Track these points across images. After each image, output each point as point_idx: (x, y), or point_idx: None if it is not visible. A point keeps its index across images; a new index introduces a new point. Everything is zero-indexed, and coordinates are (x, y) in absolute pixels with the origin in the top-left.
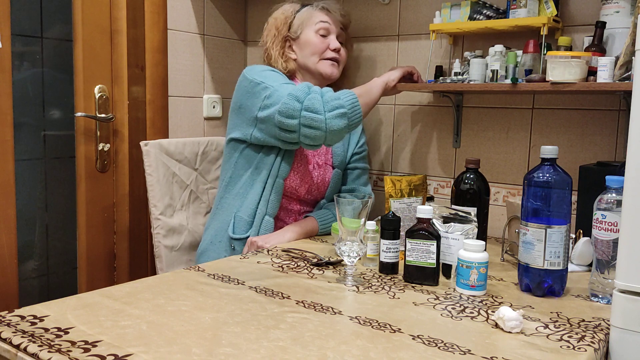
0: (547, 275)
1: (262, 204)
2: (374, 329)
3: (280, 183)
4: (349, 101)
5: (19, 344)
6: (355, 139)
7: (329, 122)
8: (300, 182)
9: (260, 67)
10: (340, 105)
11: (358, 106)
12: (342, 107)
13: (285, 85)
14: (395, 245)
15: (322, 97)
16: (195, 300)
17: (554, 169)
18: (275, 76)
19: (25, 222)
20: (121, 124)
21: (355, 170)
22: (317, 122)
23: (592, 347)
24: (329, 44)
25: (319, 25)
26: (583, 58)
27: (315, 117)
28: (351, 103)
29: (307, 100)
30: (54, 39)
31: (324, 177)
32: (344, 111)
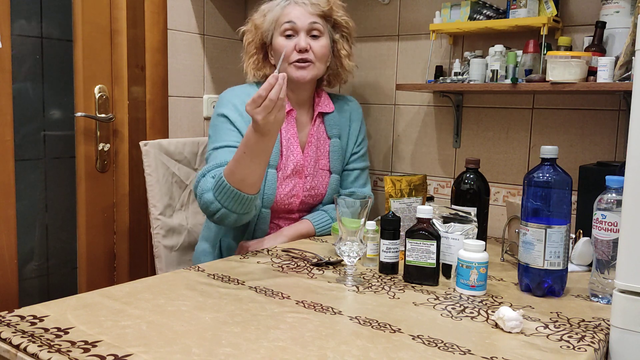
0: (547, 275)
1: (248, 233)
2: (374, 329)
3: (265, 212)
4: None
5: (19, 344)
6: (354, 137)
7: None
8: (289, 200)
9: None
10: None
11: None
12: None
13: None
14: (395, 245)
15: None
16: (195, 300)
17: (554, 169)
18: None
19: (25, 222)
20: (121, 124)
21: (353, 171)
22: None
23: (592, 347)
24: (295, 45)
25: (283, 27)
26: (583, 58)
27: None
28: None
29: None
30: (54, 39)
31: (319, 186)
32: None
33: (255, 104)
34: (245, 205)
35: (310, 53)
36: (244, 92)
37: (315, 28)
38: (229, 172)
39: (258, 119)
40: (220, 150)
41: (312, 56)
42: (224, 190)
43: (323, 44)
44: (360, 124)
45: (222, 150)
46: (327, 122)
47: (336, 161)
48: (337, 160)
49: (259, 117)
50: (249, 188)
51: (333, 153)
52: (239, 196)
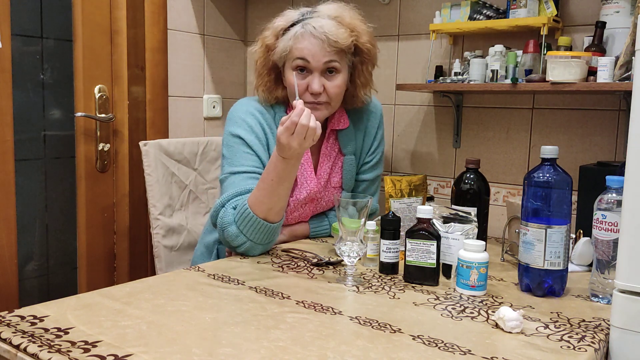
0: (547, 275)
1: None
2: (374, 329)
3: None
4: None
5: (19, 344)
6: (368, 143)
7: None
8: (298, 218)
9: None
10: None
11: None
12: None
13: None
14: (395, 245)
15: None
16: (195, 300)
17: (554, 169)
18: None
19: (25, 222)
20: (121, 124)
21: (362, 182)
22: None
23: (592, 347)
24: (308, 86)
25: (295, 62)
26: (583, 58)
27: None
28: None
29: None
30: (54, 39)
31: (329, 203)
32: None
33: (289, 132)
34: (271, 235)
35: (324, 95)
36: (256, 110)
37: (332, 67)
38: (255, 202)
39: (293, 145)
40: (238, 176)
41: (325, 98)
42: (250, 223)
43: (338, 83)
44: (376, 131)
45: (240, 176)
46: (341, 138)
47: (349, 179)
48: (349, 177)
49: (294, 144)
50: (275, 216)
51: (347, 171)
52: (265, 227)
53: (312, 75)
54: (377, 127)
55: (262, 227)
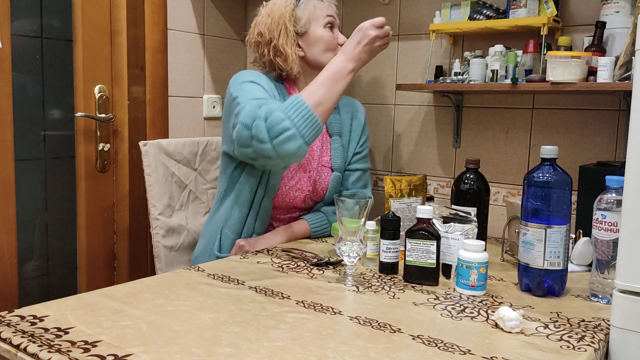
0: (547, 275)
1: (248, 224)
2: (374, 329)
3: (268, 202)
4: (297, 118)
5: (19, 344)
6: (356, 137)
7: (278, 149)
8: (294, 194)
9: (244, 76)
10: (285, 128)
11: (311, 117)
12: (287, 130)
13: (252, 102)
14: (395, 245)
15: (266, 122)
16: (195, 300)
17: (554, 169)
18: (253, 90)
19: (25, 222)
20: (121, 124)
21: (355, 172)
22: (266, 152)
23: (592, 347)
24: (337, 39)
25: (327, 19)
26: (583, 58)
27: (264, 148)
28: (301, 119)
29: (254, 129)
30: (54, 39)
31: (322, 182)
32: (291, 133)
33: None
34: (313, 129)
35: None
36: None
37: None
38: (306, 94)
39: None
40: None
41: None
42: (299, 109)
43: None
44: (363, 125)
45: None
46: (329, 119)
47: (337, 158)
48: (338, 157)
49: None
50: (322, 112)
51: (334, 150)
52: (313, 118)
53: (336, 31)
54: (364, 122)
55: (310, 116)
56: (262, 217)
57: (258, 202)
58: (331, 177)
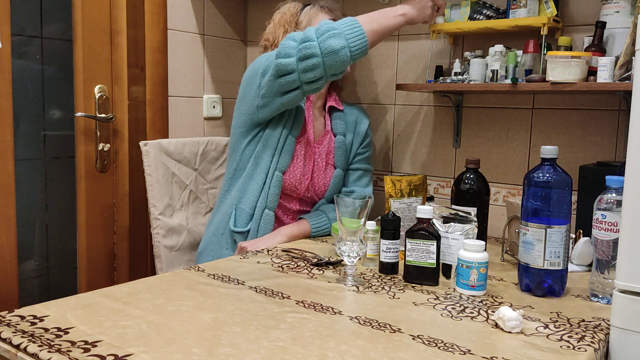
0: (547, 275)
1: (262, 197)
2: (374, 329)
3: (279, 176)
4: (344, 23)
5: (19, 344)
6: (358, 139)
7: (323, 43)
8: (300, 178)
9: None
10: (333, 27)
11: (358, 27)
12: (334, 29)
13: None
14: (395, 245)
15: (316, 29)
16: (195, 300)
17: (554, 169)
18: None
19: (25, 222)
20: (121, 124)
21: (357, 171)
22: (311, 48)
23: (592, 347)
24: None
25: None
26: (583, 58)
27: (309, 45)
28: (348, 25)
29: (302, 35)
30: (54, 39)
31: (325, 177)
32: (337, 31)
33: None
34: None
35: None
36: None
37: None
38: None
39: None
40: None
41: None
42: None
43: None
44: (366, 131)
45: None
46: (334, 119)
47: (340, 157)
48: (341, 156)
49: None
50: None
51: (337, 149)
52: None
53: None
54: (367, 129)
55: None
56: (273, 191)
57: (270, 176)
58: (333, 174)
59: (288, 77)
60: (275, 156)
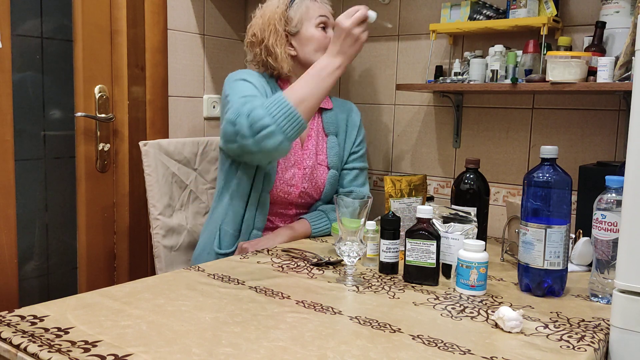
0: (547, 275)
1: (247, 218)
2: (374, 329)
3: (265, 197)
4: (277, 115)
5: (19, 344)
6: (352, 137)
7: (260, 145)
8: (288, 189)
9: (238, 75)
10: (265, 124)
11: (293, 114)
12: (268, 126)
13: (239, 100)
14: (395, 245)
15: (248, 118)
16: (195, 300)
17: (554, 169)
18: (243, 87)
19: (25, 222)
20: (121, 124)
21: (352, 170)
22: (248, 147)
23: (592, 347)
24: (328, 35)
25: (319, 19)
26: (583, 58)
27: (246, 143)
28: (282, 115)
29: (237, 125)
30: (54, 39)
31: (317, 180)
32: (271, 130)
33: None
34: (294, 128)
35: None
36: (254, 74)
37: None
38: (289, 91)
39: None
40: (241, 100)
41: None
42: (280, 106)
43: None
44: (358, 126)
45: (244, 98)
46: (325, 119)
47: (334, 157)
48: (334, 156)
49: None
50: (305, 110)
51: (330, 149)
52: (294, 114)
53: (330, 31)
54: (359, 124)
55: (292, 114)
56: (261, 211)
57: (256, 196)
58: (327, 175)
59: (240, 158)
60: (257, 176)
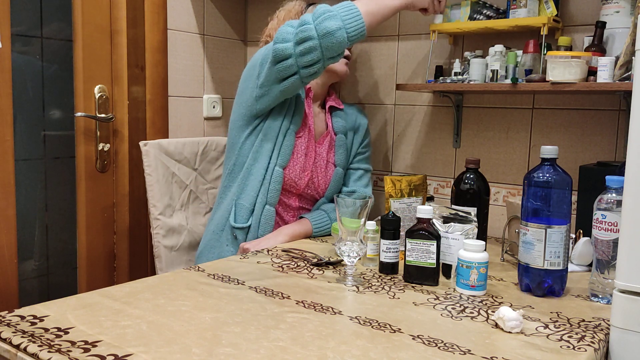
0: (547, 275)
1: (262, 192)
2: (374, 329)
3: (279, 172)
4: (341, 5)
5: (19, 344)
6: (359, 138)
7: (319, 26)
8: (300, 173)
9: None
10: (329, 9)
11: (354, 9)
12: (330, 11)
13: None
14: (395, 245)
15: (313, 13)
16: (195, 300)
17: (554, 169)
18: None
19: (25, 222)
20: (121, 124)
21: (357, 170)
22: (307, 31)
23: (592, 347)
24: None
25: None
26: (583, 58)
27: (305, 27)
28: (344, 7)
29: (301, 20)
30: (54, 39)
31: (325, 175)
32: (333, 13)
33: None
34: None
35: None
36: None
37: None
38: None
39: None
40: None
41: (350, 56)
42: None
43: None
44: (366, 129)
45: None
46: (335, 119)
47: (340, 155)
48: (341, 154)
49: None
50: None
51: (338, 147)
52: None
53: None
54: (366, 128)
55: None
56: (274, 187)
57: (270, 172)
58: (334, 172)
59: (285, 62)
60: (275, 151)
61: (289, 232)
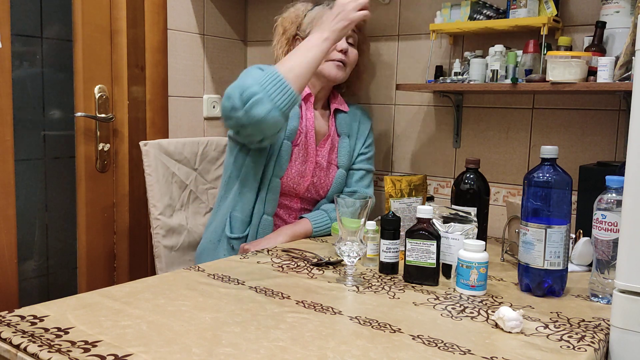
0: (547, 275)
1: (259, 203)
2: (374, 329)
3: (276, 182)
4: (266, 83)
5: (19, 344)
6: (362, 139)
7: (249, 114)
8: (299, 179)
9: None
10: (254, 92)
11: (281, 82)
12: (256, 94)
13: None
14: (395, 245)
15: (239, 88)
16: (195, 300)
17: (554, 169)
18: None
19: (25, 222)
20: (121, 124)
21: (359, 171)
22: (240, 119)
23: (592, 347)
24: (336, 45)
25: None
26: (583, 58)
27: (238, 115)
28: (270, 83)
29: (231, 98)
30: (54, 39)
31: (327, 177)
32: (259, 97)
33: None
34: (284, 95)
35: (347, 57)
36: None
37: (352, 36)
38: (279, 64)
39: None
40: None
41: (347, 60)
42: (269, 75)
43: (355, 52)
44: (369, 130)
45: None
46: (339, 120)
47: (344, 157)
48: (344, 156)
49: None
50: (294, 79)
51: (341, 149)
52: (282, 82)
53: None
54: (369, 129)
55: (280, 81)
56: (271, 197)
57: (266, 182)
58: (336, 174)
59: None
60: (270, 162)
61: (289, 232)
